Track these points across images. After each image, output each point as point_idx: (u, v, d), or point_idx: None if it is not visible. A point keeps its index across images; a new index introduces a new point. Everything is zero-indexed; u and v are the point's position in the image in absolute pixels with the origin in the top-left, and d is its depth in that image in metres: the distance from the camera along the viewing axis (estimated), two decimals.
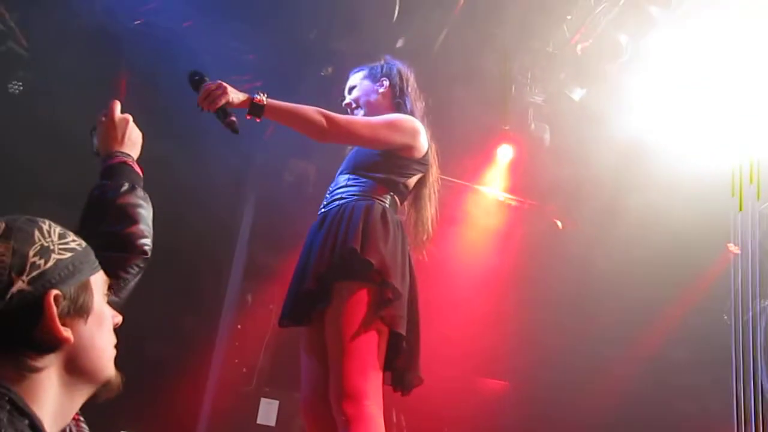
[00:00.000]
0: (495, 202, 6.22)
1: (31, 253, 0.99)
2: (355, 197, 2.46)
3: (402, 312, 2.29)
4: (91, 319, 1.04)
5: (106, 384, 1.07)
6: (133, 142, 1.68)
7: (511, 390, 6.00)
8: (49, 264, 1.00)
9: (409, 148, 2.51)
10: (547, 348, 5.71)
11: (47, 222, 1.05)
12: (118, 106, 1.70)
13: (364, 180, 2.50)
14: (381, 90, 2.70)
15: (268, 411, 5.10)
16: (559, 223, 6.15)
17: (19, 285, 0.96)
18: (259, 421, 5.06)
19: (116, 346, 1.12)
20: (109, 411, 1.19)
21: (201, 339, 5.10)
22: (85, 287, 1.04)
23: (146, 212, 1.55)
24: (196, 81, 2.35)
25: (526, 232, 6.26)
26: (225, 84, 2.30)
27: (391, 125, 2.50)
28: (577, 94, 4.98)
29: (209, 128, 4.63)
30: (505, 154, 5.75)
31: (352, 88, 2.80)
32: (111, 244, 1.41)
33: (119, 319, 1.14)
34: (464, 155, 5.64)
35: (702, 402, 4.83)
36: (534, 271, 5.98)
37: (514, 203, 6.25)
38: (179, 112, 4.62)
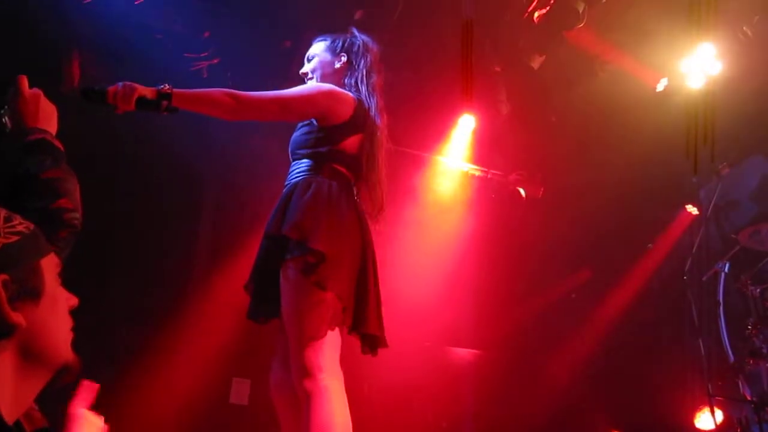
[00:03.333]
0: (457, 173, 6.26)
1: None
2: (294, 180, 2.56)
3: (330, 272, 2.33)
4: (43, 302, 1.03)
5: (65, 368, 1.06)
6: (48, 116, 1.63)
7: (481, 358, 6.10)
8: None
9: (328, 115, 2.55)
10: (517, 315, 5.80)
11: None
12: (25, 81, 1.64)
13: (302, 161, 2.58)
14: (337, 65, 2.74)
15: (240, 390, 5.11)
16: (522, 192, 6.21)
17: None
18: (231, 401, 5.07)
19: (73, 329, 1.10)
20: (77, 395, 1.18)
21: (169, 321, 5.06)
22: (35, 270, 1.02)
23: (71, 186, 1.53)
24: (96, 92, 2.34)
25: (490, 201, 6.32)
26: (126, 82, 2.33)
27: (302, 96, 2.56)
28: (536, 61, 5.02)
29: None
30: (466, 124, 5.77)
31: (311, 58, 2.83)
32: (40, 219, 1.36)
33: (74, 301, 1.12)
34: (425, 126, 5.65)
35: (666, 357, 4.98)
36: (500, 240, 6.06)
37: (477, 173, 6.29)
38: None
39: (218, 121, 5.26)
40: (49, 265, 1.06)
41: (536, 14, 4.92)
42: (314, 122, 2.61)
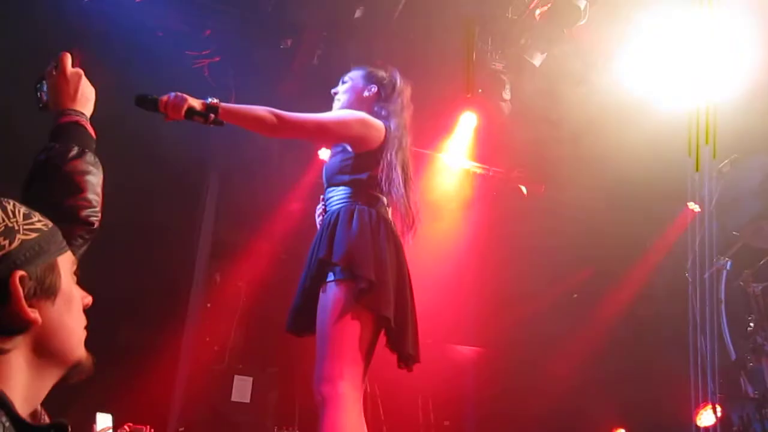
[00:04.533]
0: (459, 170, 6.26)
1: None
2: (333, 208, 2.69)
3: (382, 296, 2.48)
4: (58, 299, 1.03)
5: (77, 365, 1.06)
6: (86, 98, 1.59)
7: (484, 356, 6.10)
8: (14, 245, 0.98)
9: (361, 141, 2.69)
10: (519, 313, 5.80)
11: (11, 202, 1.03)
12: (69, 58, 1.60)
13: (339, 188, 2.71)
14: (366, 94, 2.88)
15: (241, 388, 5.11)
16: (524, 189, 6.21)
17: None
18: (233, 399, 5.07)
19: (86, 328, 1.10)
20: (83, 394, 1.18)
21: (171, 319, 5.07)
22: (52, 268, 1.03)
23: (95, 179, 1.47)
24: (149, 100, 2.45)
25: (492, 199, 6.31)
26: (178, 93, 2.44)
27: (338, 120, 2.70)
28: (538, 59, 5.01)
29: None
30: (468, 121, 5.77)
31: (345, 81, 2.97)
32: (56, 214, 1.35)
33: (89, 300, 1.13)
34: (427, 124, 5.64)
35: (668, 355, 4.98)
36: (502, 238, 6.06)
37: (479, 171, 6.29)
38: (135, 89, 4.54)
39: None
40: (66, 263, 1.06)
41: (538, 11, 4.92)
42: (348, 149, 2.74)
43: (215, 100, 2.45)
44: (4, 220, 0.99)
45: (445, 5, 4.89)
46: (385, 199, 2.72)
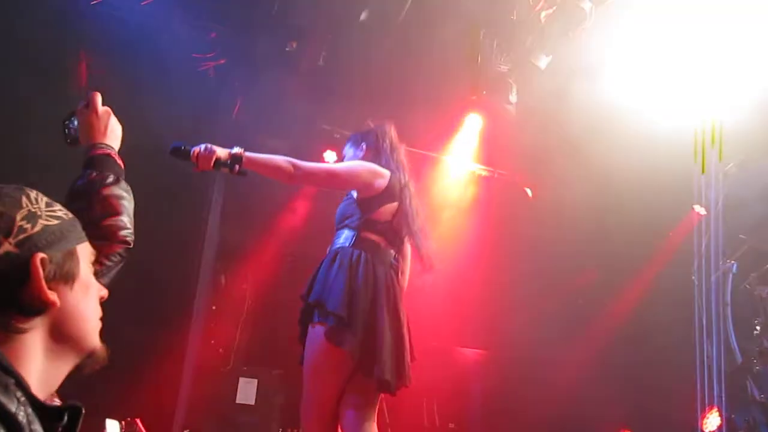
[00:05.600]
0: (464, 173, 6.25)
1: (19, 217, 1.02)
2: (336, 248, 2.97)
3: (348, 333, 2.77)
4: (77, 286, 1.07)
5: (92, 354, 1.09)
6: (115, 135, 1.72)
7: (489, 358, 6.09)
8: (36, 229, 1.03)
9: (367, 188, 2.97)
10: (524, 316, 5.79)
11: (34, 191, 1.08)
12: (99, 97, 1.73)
13: (342, 231, 3.00)
14: (361, 154, 3.16)
15: (247, 390, 5.12)
16: (529, 191, 6.20)
17: (6, 247, 0.99)
18: (238, 401, 5.07)
19: (101, 319, 1.14)
20: (89, 396, 1.18)
21: (176, 322, 5.07)
22: (72, 255, 1.07)
23: (129, 204, 1.61)
24: (182, 152, 2.71)
25: (497, 201, 6.31)
26: (208, 144, 2.71)
27: (347, 169, 3.01)
28: (543, 61, 5.00)
29: (174, 110, 4.57)
30: (473, 123, 5.77)
31: (344, 159, 3.30)
32: (93, 233, 1.43)
33: (105, 292, 1.17)
34: (432, 126, 5.65)
35: (674, 358, 4.96)
36: (507, 240, 6.05)
37: (484, 173, 6.29)
38: (141, 92, 4.56)
39: (223, 120, 5.31)
40: (85, 252, 1.11)
41: (543, 14, 4.91)
42: (353, 195, 3.03)
43: (239, 151, 2.71)
44: (27, 206, 1.04)
45: (450, 7, 4.89)
46: (380, 242, 2.96)
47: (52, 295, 1.01)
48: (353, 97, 5.38)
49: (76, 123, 1.72)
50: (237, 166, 2.67)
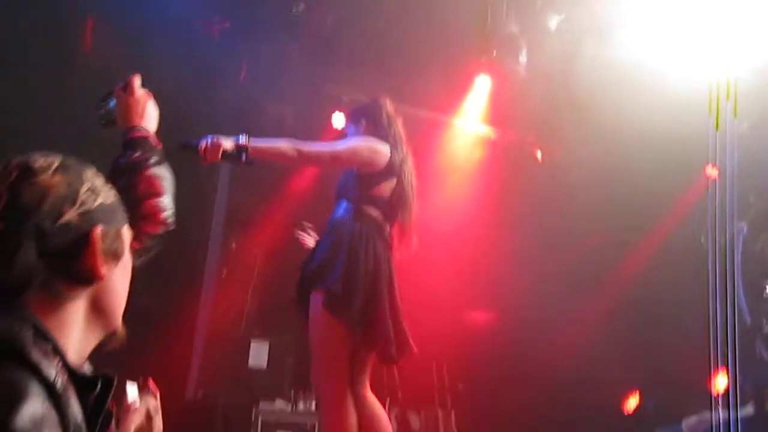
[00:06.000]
0: (473, 135, 6.20)
1: (82, 189, 1.06)
2: (331, 221, 3.09)
3: (348, 305, 2.87)
4: (120, 264, 1.11)
5: (115, 333, 1.14)
6: (152, 117, 1.76)
7: (497, 320, 6.13)
8: (96, 203, 1.07)
9: (368, 164, 3.06)
10: (533, 278, 5.80)
11: (93, 167, 1.12)
12: (138, 79, 1.76)
13: (341, 203, 3.09)
14: (361, 129, 3.23)
15: (258, 353, 5.17)
16: (539, 154, 6.16)
17: (70, 216, 1.03)
18: (250, 365, 5.13)
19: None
20: (102, 363, 1.21)
21: (187, 287, 5.12)
22: (120, 234, 1.12)
23: (170, 186, 1.66)
24: (191, 146, 2.82)
25: (506, 164, 6.27)
26: (214, 137, 2.83)
27: (348, 148, 3.08)
28: (554, 21, 4.92)
29: (179, 72, 4.53)
30: (482, 85, 5.70)
31: (345, 135, 3.39)
32: (135, 212, 1.49)
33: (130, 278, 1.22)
34: (441, 88, 5.59)
35: (683, 319, 4.97)
36: (516, 202, 6.03)
37: (493, 136, 6.24)
38: (146, 57, 4.52)
39: (230, 85, 5.27)
40: (127, 234, 1.15)
41: None
42: (354, 169, 3.10)
43: (245, 141, 2.81)
44: (89, 180, 1.08)
45: None
46: (379, 217, 3.05)
47: (104, 268, 1.05)
48: (361, 60, 5.31)
49: (112, 104, 1.75)
50: (244, 156, 2.77)
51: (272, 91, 5.27)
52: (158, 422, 1.61)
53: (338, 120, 5.70)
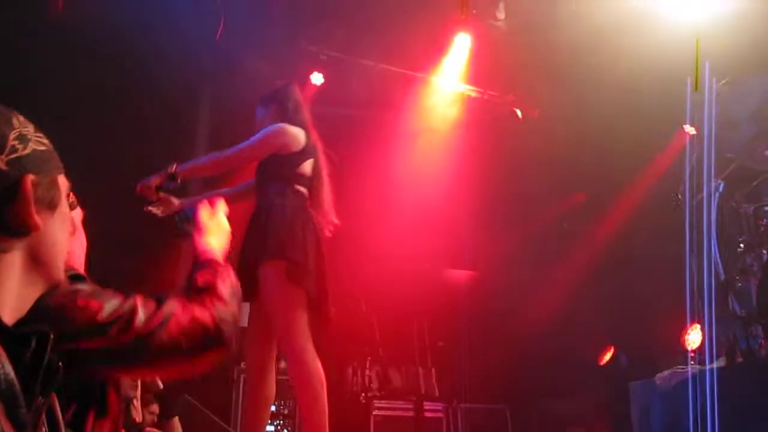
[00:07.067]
0: (453, 94, 6.16)
1: (11, 136, 1.00)
2: (264, 202, 3.27)
3: (305, 273, 3.12)
4: (57, 214, 1.07)
5: (56, 287, 1.09)
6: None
7: (477, 279, 6.19)
8: (27, 151, 1.01)
9: (285, 146, 3.26)
10: (512, 236, 5.85)
11: (21, 115, 1.06)
12: (224, 205, 1.91)
13: (273, 184, 3.28)
14: (270, 114, 3.42)
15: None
16: (519, 113, 6.15)
17: None
18: None
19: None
20: None
21: (165, 250, 5.08)
22: (55, 183, 1.06)
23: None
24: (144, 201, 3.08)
25: (486, 122, 6.26)
26: (141, 182, 3.06)
27: (262, 141, 3.27)
28: None
29: (153, 29, 4.44)
30: (462, 43, 5.65)
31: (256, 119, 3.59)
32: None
33: (75, 229, 1.19)
34: (420, 46, 5.53)
35: (659, 276, 5.06)
36: (495, 162, 6.04)
37: (473, 94, 6.20)
38: (120, 14, 4.41)
39: (208, 45, 5.17)
40: (64, 184, 1.10)
41: None
42: (277, 153, 3.29)
43: (173, 169, 3.02)
44: (18, 126, 1.02)
45: None
46: (306, 193, 3.29)
47: (38, 218, 1.00)
48: (340, 17, 5.23)
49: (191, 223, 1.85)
50: (174, 182, 2.99)
51: (249, 46, 5.18)
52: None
53: (317, 78, 5.63)
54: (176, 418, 3.67)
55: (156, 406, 3.40)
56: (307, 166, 3.32)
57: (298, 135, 3.29)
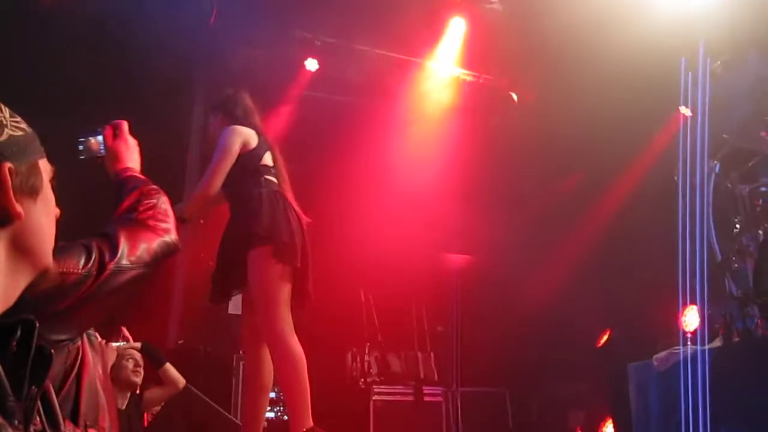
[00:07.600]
0: (448, 78, 6.15)
1: None
2: (243, 193, 3.36)
3: (293, 252, 3.23)
4: (39, 200, 1.04)
5: (45, 272, 1.07)
6: (137, 161, 1.85)
7: (474, 263, 6.20)
8: (2, 138, 0.98)
9: (245, 144, 3.40)
10: (508, 220, 5.86)
11: None
12: (126, 126, 1.86)
13: (249, 178, 3.37)
14: (219, 122, 3.54)
15: (238, 300, 5.18)
16: (514, 96, 6.13)
17: None
18: (230, 311, 5.16)
19: (56, 239, 1.11)
20: None
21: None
22: (35, 168, 1.04)
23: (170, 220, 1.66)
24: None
25: (482, 106, 6.25)
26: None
27: (226, 147, 3.38)
28: None
29: (146, 14, 4.42)
30: (457, 27, 5.63)
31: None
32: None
33: (57, 212, 1.14)
34: (415, 30, 5.51)
35: (655, 257, 5.07)
36: (491, 145, 6.03)
37: (468, 78, 6.19)
38: (114, 3, 4.39)
39: (204, 33, 5.15)
40: (46, 168, 1.07)
41: None
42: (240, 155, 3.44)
43: (179, 213, 3.10)
44: None
45: None
46: (276, 181, 3.41)
47: (18, 207, 0.98)
48: (334, 3, 5.21)
49: (103, 148, 1.85)
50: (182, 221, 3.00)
51: (242, 34, 5.16)
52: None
53: (311, 64, 5.62)
54: (168, 364, 3.90)
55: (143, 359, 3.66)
56: (268, 158, 3.44)
57: (249, 132, 3.42)
